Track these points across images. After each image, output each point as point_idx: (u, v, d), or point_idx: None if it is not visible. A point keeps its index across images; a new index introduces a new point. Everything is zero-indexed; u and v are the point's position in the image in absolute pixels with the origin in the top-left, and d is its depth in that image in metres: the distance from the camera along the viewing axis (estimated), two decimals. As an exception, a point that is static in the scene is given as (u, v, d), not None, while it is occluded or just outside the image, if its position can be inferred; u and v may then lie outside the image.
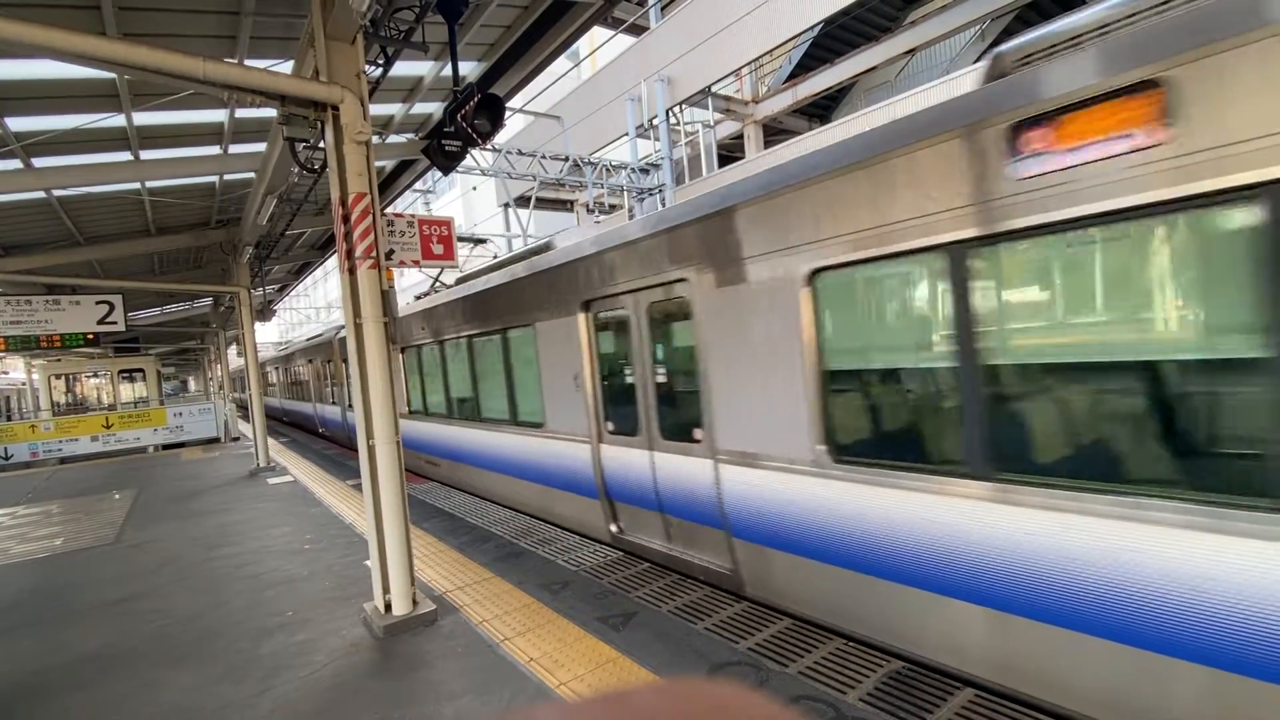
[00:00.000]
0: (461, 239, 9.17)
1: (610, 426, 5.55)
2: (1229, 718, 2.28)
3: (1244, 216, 2.18)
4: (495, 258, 10.40)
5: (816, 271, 3.62)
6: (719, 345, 4.31)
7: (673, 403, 4.95)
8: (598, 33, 15.71)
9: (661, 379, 4.99)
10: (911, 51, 12.69)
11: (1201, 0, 2.38)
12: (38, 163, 6.86)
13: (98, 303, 11.32)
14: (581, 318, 5.68)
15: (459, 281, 9.12)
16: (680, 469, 4.78)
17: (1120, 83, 2.35)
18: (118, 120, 6.33)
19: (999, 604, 2.86)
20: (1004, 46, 3.15)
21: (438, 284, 10.94)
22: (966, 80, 9.47)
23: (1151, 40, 2.34)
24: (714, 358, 4.35)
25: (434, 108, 7.74)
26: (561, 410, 6.10)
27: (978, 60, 11.92)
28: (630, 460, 5.30)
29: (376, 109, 6.89)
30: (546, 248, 6.80)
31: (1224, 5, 2.21)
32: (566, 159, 14.45)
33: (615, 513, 5.68)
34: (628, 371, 5.32)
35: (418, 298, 11.11)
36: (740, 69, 14.37)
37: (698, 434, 4.58)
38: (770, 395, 3.97)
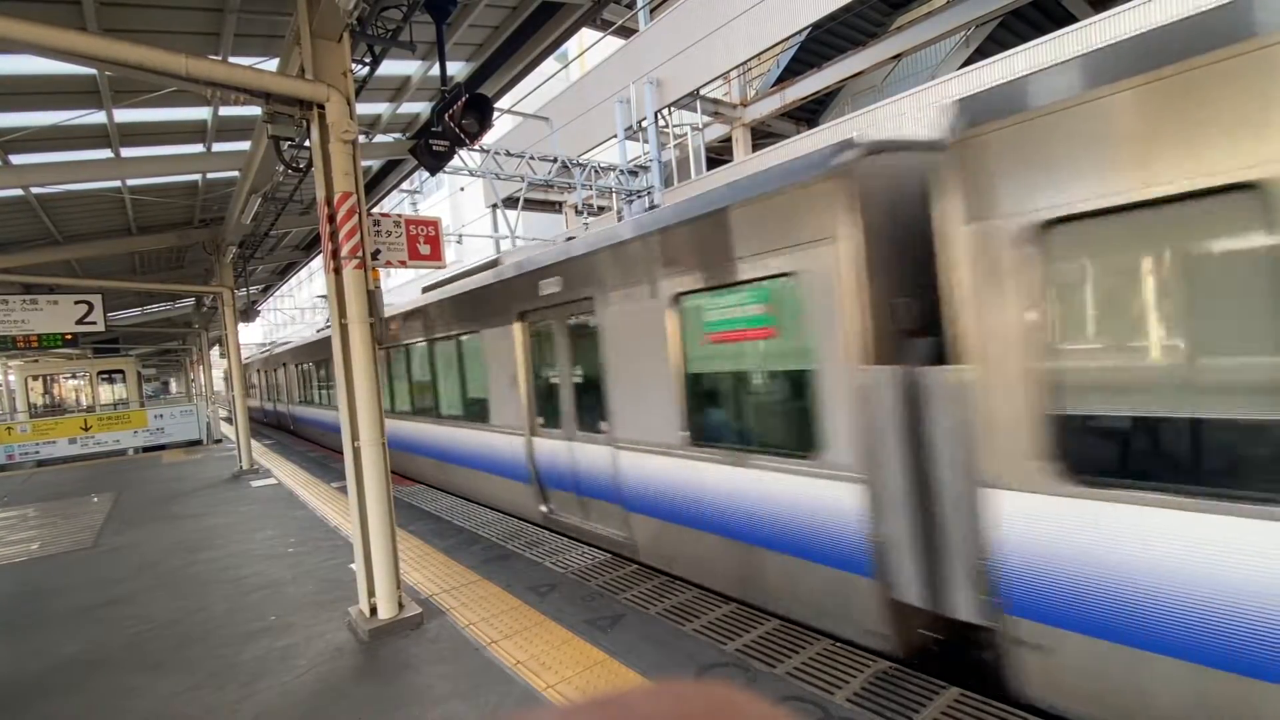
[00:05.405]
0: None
1: None
2: None
3: None
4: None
5: None
6: None
7: None
8: (587, 34, 15.70)
9: None
10: (898, 57, 12.81)
11: None
12: (15, 159, 6.74)
13: (76, 302, 11.12)
14: None
15: None
16: None
17: None
18: (98, 117, 6.23)
19: None
20: None
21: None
22: (953, 85, 9.60)
23: None
24: None
25: (421, 107, 7.70)
26: None
27: (962, 66, 12.06)
28: None
29: (363, 108, 6.83)
30: None
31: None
32: (555, 160, 14.42)
33: None
34: None
35: None
36: (729, 72, 14.44)
37: None
38: None
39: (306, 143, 4.64)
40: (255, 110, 4.36)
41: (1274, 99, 2.16)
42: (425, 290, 9.33)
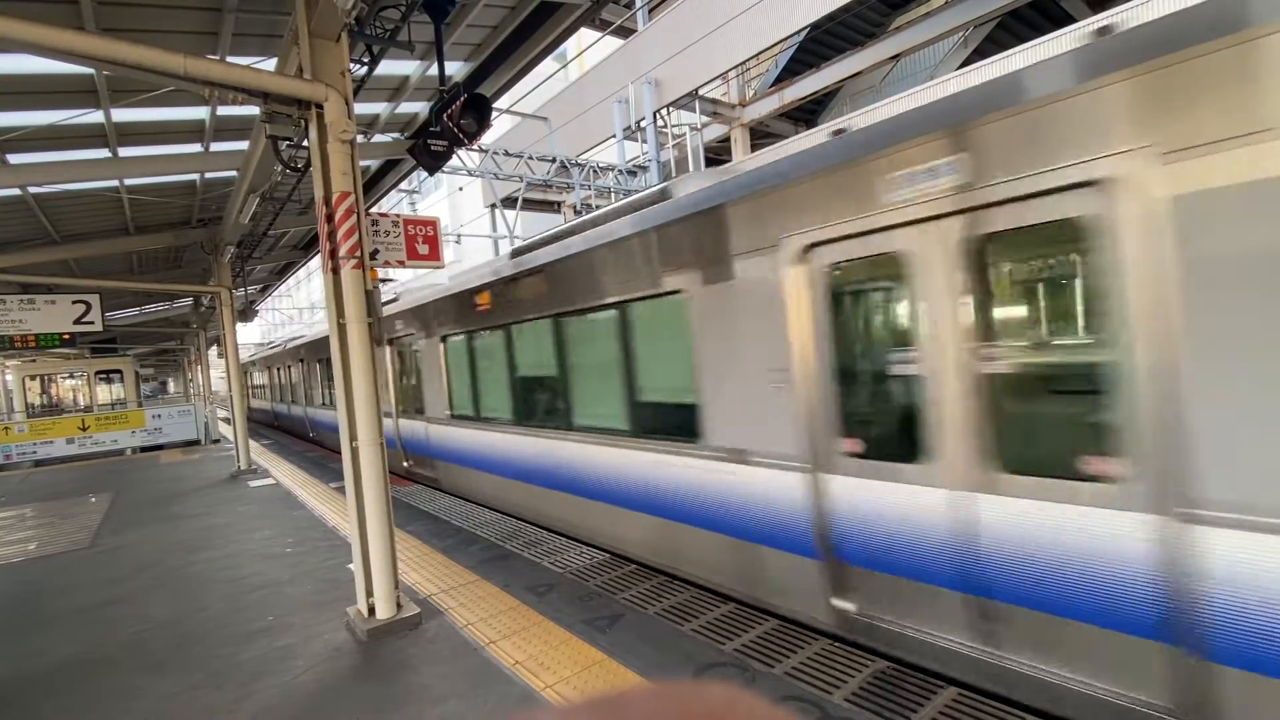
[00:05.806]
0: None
1: None
2: None
3: None
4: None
5: None
6: None
7: None
8: (585, 34, 15.72)
9: None
10: (896, 57, 12.81)
11: None
12: (13, 159, 6.72)
13: (74, 302, 11.11)
14: None
15: None
16: None
17: None
18: (96, 117, 6.22)
19: None
20: None
21: None
22: (951, 85, 9.59)
23: None
24: None
25: (420, 107, 7.68)
26: None
27: (960, 66, 12.07)
28: None
29: (361, 108, 6.82)
30: None
31: None
32: (554, 160, 14.43)
33: None
34: None
35: None
36: (727, 72, 14.43)
37: None
38: None
39: (305, 142, 4.64)
40: (253, 110, 4.36)
41: None
42: (517, 254, 6.96)
